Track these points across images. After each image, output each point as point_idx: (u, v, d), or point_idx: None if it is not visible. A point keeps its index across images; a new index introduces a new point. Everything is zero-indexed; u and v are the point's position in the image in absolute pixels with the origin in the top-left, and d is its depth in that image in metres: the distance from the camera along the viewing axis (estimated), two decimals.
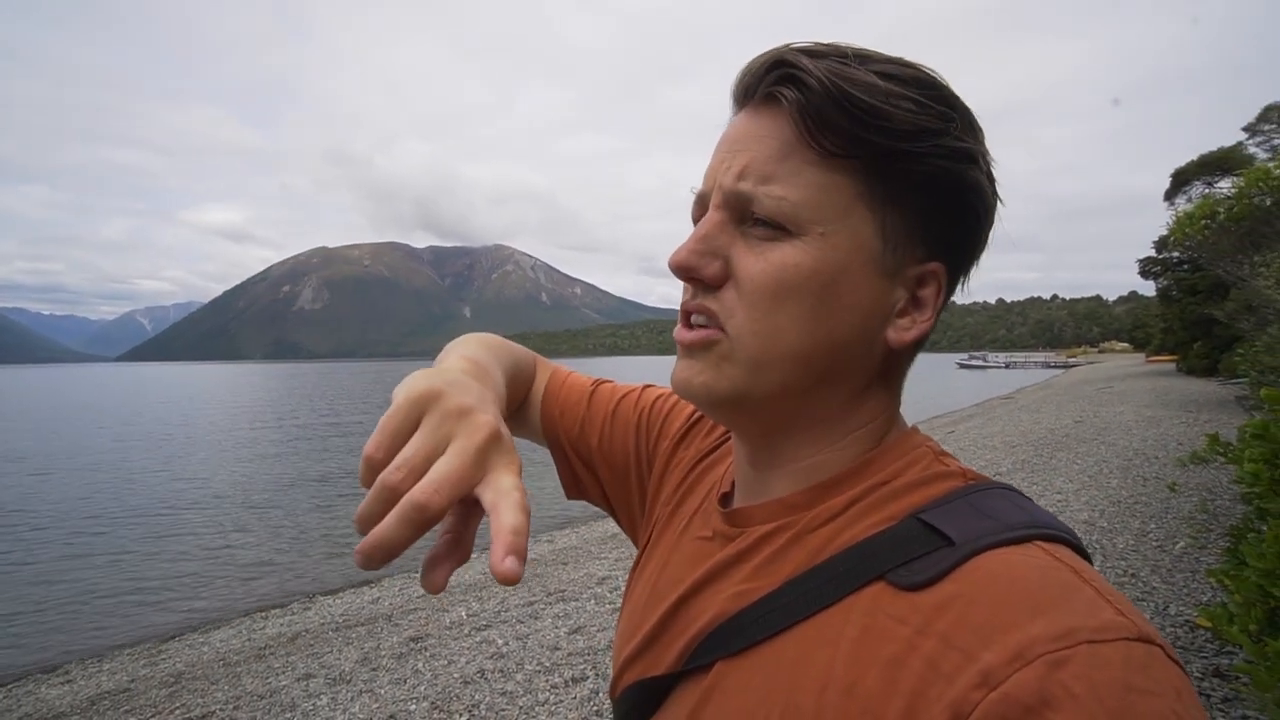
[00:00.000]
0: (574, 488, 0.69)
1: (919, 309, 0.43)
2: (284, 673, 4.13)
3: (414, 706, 3.36)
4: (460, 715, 3.19)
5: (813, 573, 0.41)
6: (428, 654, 4.12)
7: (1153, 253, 21.99)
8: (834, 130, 0.39)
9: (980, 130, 0.42)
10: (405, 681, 3.72)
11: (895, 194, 0.40)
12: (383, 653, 4.24)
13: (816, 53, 0.41)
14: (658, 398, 0.68)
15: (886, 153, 0.39)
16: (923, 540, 0.37)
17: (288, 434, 18.43)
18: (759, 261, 0.41)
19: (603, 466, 0.66)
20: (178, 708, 3.78)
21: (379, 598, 5.91)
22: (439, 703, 3.34)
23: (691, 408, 0.64)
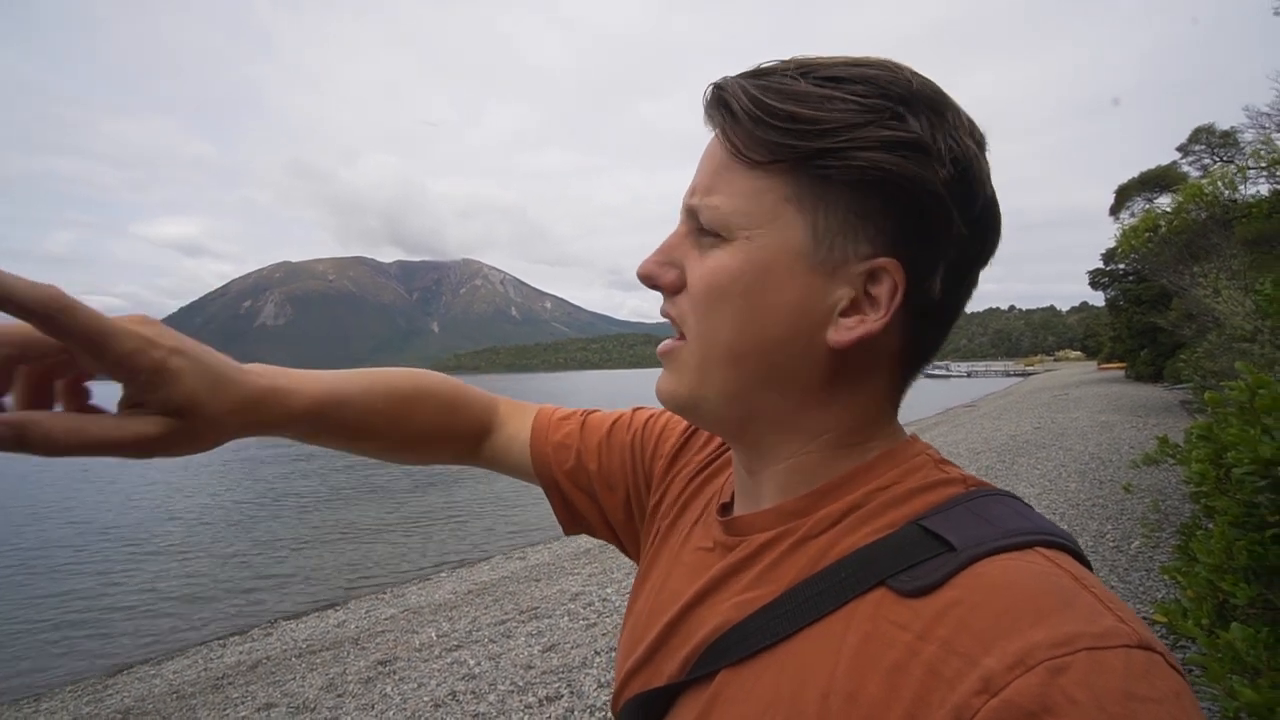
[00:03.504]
0: (572, 522, 0.69)
1: (872, 307, 0.41)
2: (243, 703, 3.96)
3: None
4: None
5: (814, 580, 0.41)
6: (396, 677, 3.99)
7: (1101, 265, 23.04)
8: (756, 143, 0.41)
9: (946, 118, 0.41)
10: (373, 707, 3.60)
11: (826, 192, 0.40)
12: (349, 678, 4.10)
13: (763, 72, 0.42)
14: (649, 418, 0.69)
15: (809, 153, 0.40)
16: (924, 546, 0.38)
17: (247, 456, 17.79)
18: (700, 268, 0.44)
19: (603, 492, 0.66)
20: None
21: (345, 620, 5.73)
22: None
23: (685, 423, 0.65)
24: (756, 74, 0.43)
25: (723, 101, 0.42)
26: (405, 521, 10.24)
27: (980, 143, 0.42)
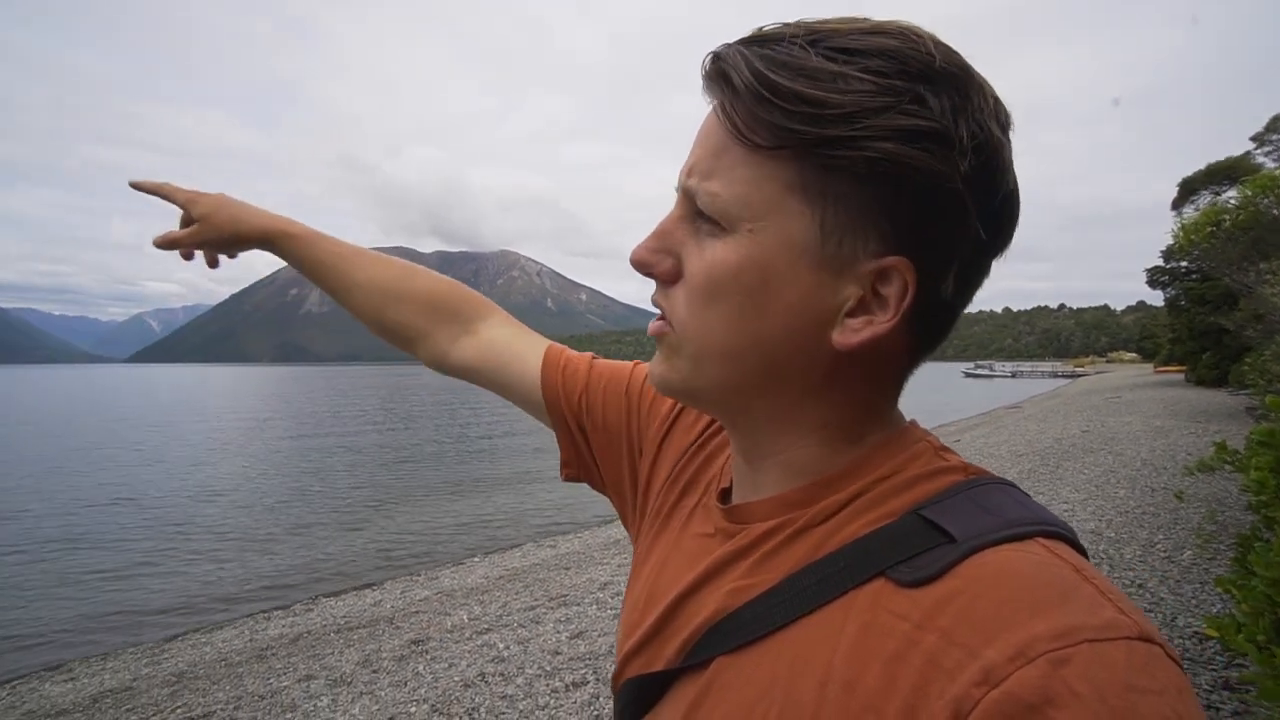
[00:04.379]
0: (574, 464, 0.67)
1: (880, 307, 0.39)
2: (285, 674, 4.13)
3: (414, 709, 3.35)
4: (460, 718, 3.18)
5: (812, 569, 0.40)
6: (428, 657, 4.11)
7: (1160, 262, 21.86)
8: (759, 123, 0.37)
9: (971, 100, 0.37)
10: (406, 684, 3.71)
11: (836, 184, 0.37)
12: (383, 655, 4.23)
13: (766, 38, 0.39)
14: (647, 376, 0.65)
15: (817, 140, 0.36)
16: (923, 536, 0.37)
17: (291, 437, 18.49)
18: (699, 260, 0.41)
19: (601, 447, 0.65)
20: (179, 707, 3.78)
21: (381, 600, 5.91)
22: (439, 705, 3.34)
23: None
24: (760, 40, 0.39)
25: (723, 74, 0.39)
26: (442, 506, 10.49)
27: (1005, 125, 0.39)
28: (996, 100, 0.39)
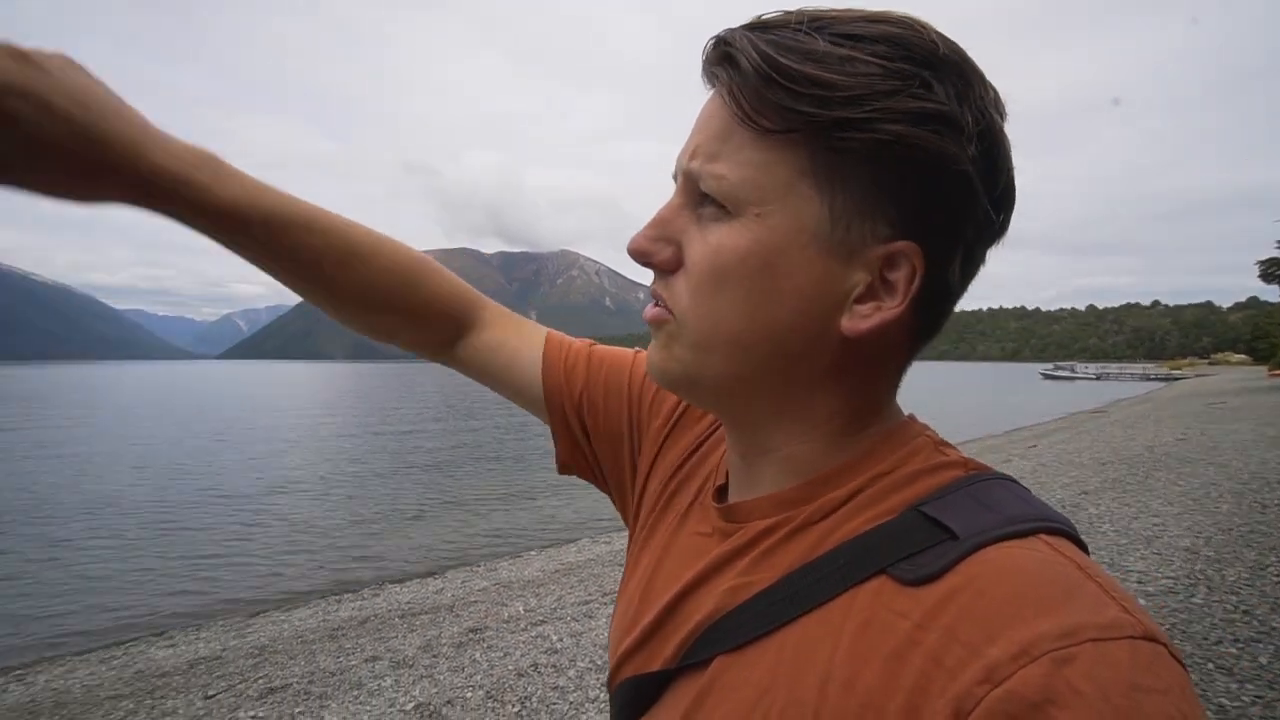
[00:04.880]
0: (569, 458, 0.65)
1: (889, 293, 0.38)
2: (354, 653, 4.36)
3: (470, 694, 3.46)
4: (513, 706, 3.26)
5: (811, 567, 0.40)
6: (485, 645, 4.23)
7: (1278, 253, 19.78)
8: (767, 106, 0.37)
9: (974, 88, 0.37)
10: (463, 670, 3.84)
11: (845, 167, 0.37)
12: (443, 641, 4.39)
13: (769, 24, 0.38)
14: (631, 365, 0.64)
15: (827, 123, 0.36)
16: (925, 533, 0.37)
17: (359, 432, 19.48)
18: (702, 245, 0.40)
19: (600, 439, 0.63)
20: (260, 677, 4.05)
21: (442, 589, 6.13)
22: (494, 692, 3.43)
23: None
24: (764, 26, 0.38)
25: (728, 57, 0.38)
26: (500, 500, 10.80)
27: (1004, 115, 0.39)
28: (996, 92, 0.39)
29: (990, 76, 0.39)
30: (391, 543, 8.22)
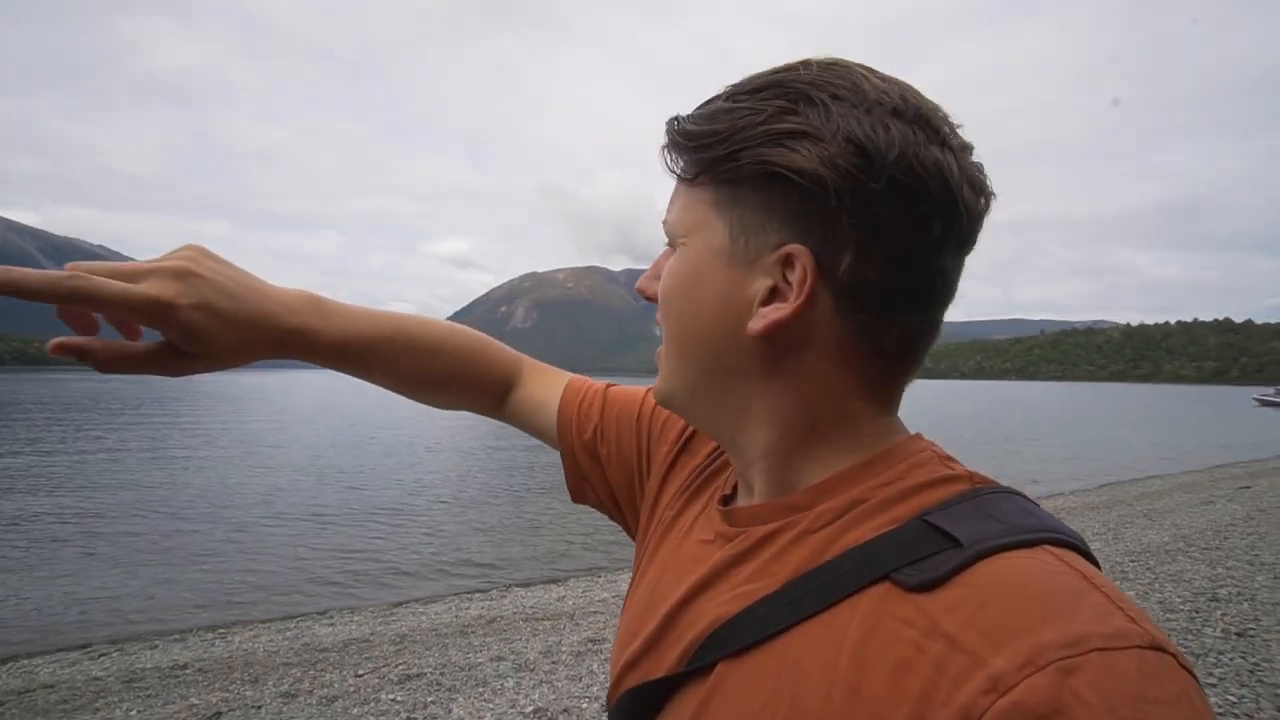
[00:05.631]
0: (578, 491, 0.73)
1: (791, 293, 0.42)
2: (481, 650, 4.62)
3: (585, 705, 3.51)
4: None
5: (815, 573, 0.40)
6: (602, 657, 4.29)
7: None
8: (687, 163, 0.46)
9: (845, 100, 0.41)
10: (580, 679, 3.91)
11: (738, 194, 0.44)
12: (563, 649, 4.52)
13: (707, 100, 0.46)
14: (641, 400, 0.71)
15: (714, 162, 0.44)
16: (929, 541, 0.37)
17: (487, 439, 20.86)
18: (663, 276, 0.50)
19: (614, 469, 0.69)
20: (400, 663, 4.43)
21: (564, 596, 6.34)
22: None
23: None
24: (704, 102, 0.46)
25: (667, 133, 0.47)
26: None
27: (902, 111, 0.41)
28: (901, 93, 0.42)
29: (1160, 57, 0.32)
30: (517, 548, 8.68)
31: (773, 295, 0.43)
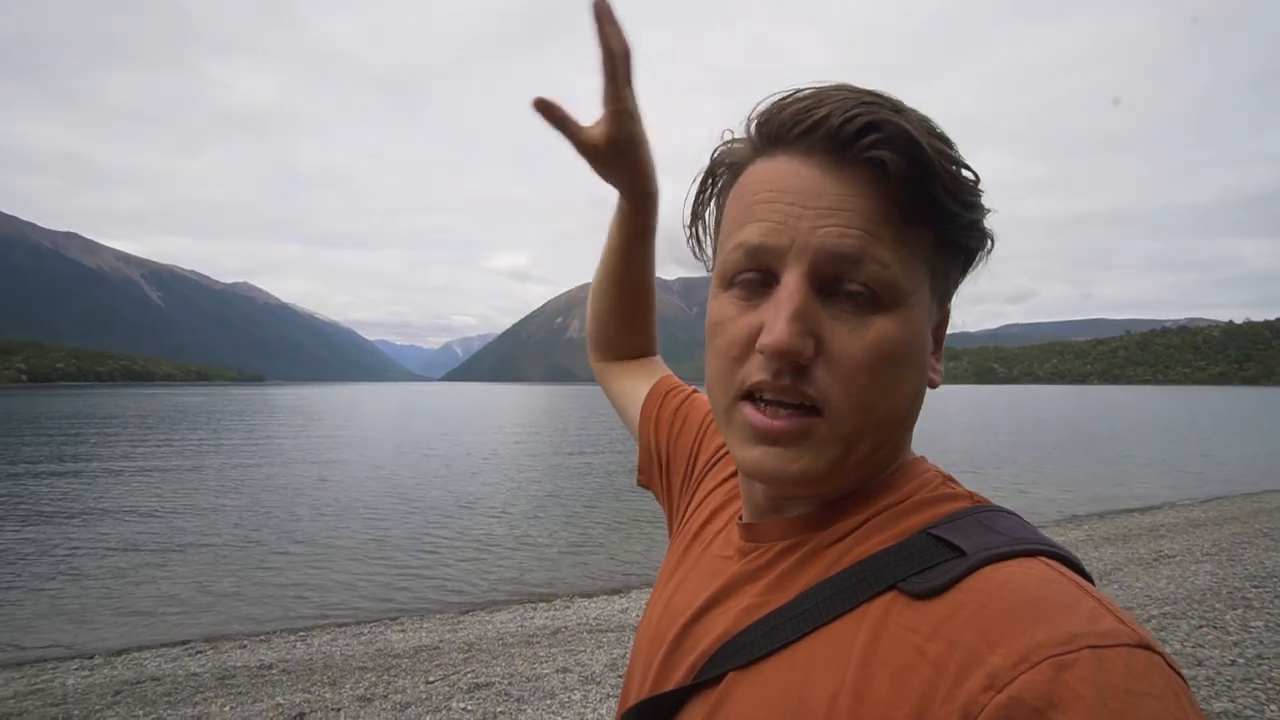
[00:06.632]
0: (645, 476, 0.77)
1: (937, 345, 0.47)
2: (546, 661, 4.67)
3: None
4: None
5: (825, 585, 0.42)
6: None
7: None
8: (925, 200, 0.40)
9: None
10: None
11: (949, 258, 0.44)
12: (628, 662, 4.51)
13: (899, 108, 0.41)
14: (709, 411, 0.71)
15: (965, 222, 0.42)
16: (934, 551, 0.39)
17: (553, 449, 21.17)
18: (856, 340, 0.41)
19: (673, 467, 0.73)
20: (469, 671, 4.53)
21: (628, 608, 6.34)
22: None
23: None
24: (898, 109, 0.41)
25: (895, 142, 0.39)
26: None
27: None
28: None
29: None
30: (581, 558, 8.75)
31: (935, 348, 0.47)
